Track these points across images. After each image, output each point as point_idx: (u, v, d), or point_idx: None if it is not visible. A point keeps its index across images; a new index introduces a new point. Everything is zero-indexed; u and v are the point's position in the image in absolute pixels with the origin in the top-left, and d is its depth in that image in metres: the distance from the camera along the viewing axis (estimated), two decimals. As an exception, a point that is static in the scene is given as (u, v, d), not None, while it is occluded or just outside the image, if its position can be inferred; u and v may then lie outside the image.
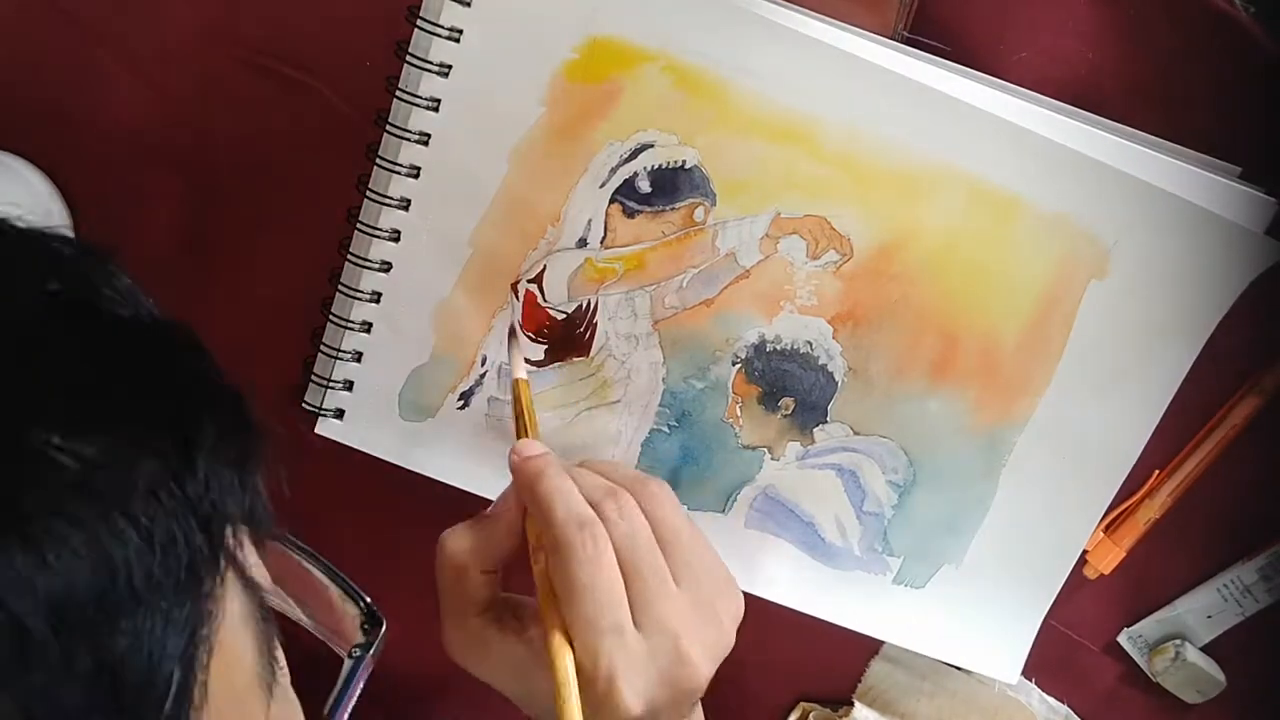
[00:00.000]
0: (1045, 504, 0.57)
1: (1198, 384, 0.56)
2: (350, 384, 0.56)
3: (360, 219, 0.54)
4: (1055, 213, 0.53)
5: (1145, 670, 0.61)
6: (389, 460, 0.57)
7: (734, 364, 0.55)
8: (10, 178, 0.55)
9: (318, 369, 0.56)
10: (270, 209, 0.56)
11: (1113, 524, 0.59)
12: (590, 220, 0.53)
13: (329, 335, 0.56)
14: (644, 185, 0.53)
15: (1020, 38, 0.54)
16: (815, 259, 0.54)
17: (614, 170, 0.52)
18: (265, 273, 0.57)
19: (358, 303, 0.55)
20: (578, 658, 0.44)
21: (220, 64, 0.55)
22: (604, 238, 0.53)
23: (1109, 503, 0.57)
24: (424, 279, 0.54)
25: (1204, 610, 0.59)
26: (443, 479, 0.57)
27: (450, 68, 0.51)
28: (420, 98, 0.51)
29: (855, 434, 0.56)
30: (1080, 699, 0.61)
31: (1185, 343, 0.54)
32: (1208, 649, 0.60)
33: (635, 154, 0.52)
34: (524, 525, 0.48)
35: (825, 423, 0.56)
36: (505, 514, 0.48)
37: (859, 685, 0.62)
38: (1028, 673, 0.60)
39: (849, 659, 0.62)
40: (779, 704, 0.63)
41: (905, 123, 0.51)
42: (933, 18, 0.53)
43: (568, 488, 0.46)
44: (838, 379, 0.55)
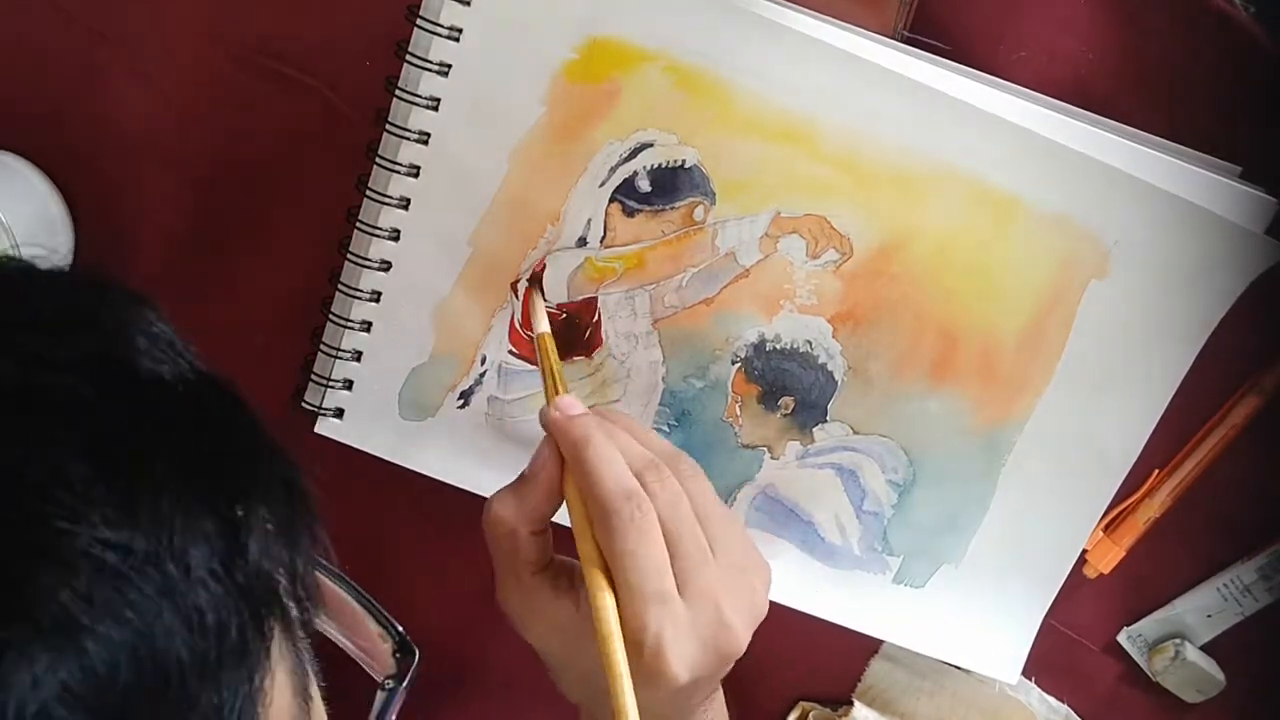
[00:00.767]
0: (1045, 503, 0.57)
1: (1198, 384, 0.56)
2: (350, 383, 0.56)
3: (360, 218, 0.54)
4: (1055, 213, 0.53)
5: (1145, 670, 0.61)
6: (389, 459, 0.57)
7: (734, 363, 0.55)
8: (10, 178, 0.55)
9: (317, 368, 0.56)
10: (270, 208, 0.57)
11: (1112, 523, 0.59)
12: (590, 219, 0.53)
13: (328, 334, 0.56)
14: (644, 184, 0.53)
15: (1020, 37, 0.54)
16: (815, 258, 0.54)
17: (614, 169, 0.52)
18: (265, 271, 0.57)
19: (357, 302, 0.55)
20: (625, 625, 0.44)
21: (220, 64, 0.55)
22: (604, 237, 0.53)
23: (1108, 502, 0.57)
24: (424, 278, 0.54)
25: (1204, 610, 0.59)
26: (443, 478, 0.57)
27: (450, 67, 0.51)
28: (420, 97, 0.51)
29: (855, 433, 0.56)
30: (1080, 698, 0.61)
31: (1185, 342, 0.54)
32: (1207, 648, 0.60)
33: (635, 153, 0.52)
34: (563, 483, 0.48)
35: (825, 422, 0.56)
36: (542, 474, 0.48)
37: (859, 684, 0.62)
38: (1027, 672, 0.60)
39: (849, 658, 0.62)
40: (778, 703, 0.63)
41: (905, 123, 0.51)
42: (933, 17, 0.53)
43: (615, 457, 0.46)
44: (837, 378, 0.55)
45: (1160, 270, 0.53)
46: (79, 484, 0.25)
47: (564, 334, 0.55)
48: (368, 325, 0.55)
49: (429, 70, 0.51)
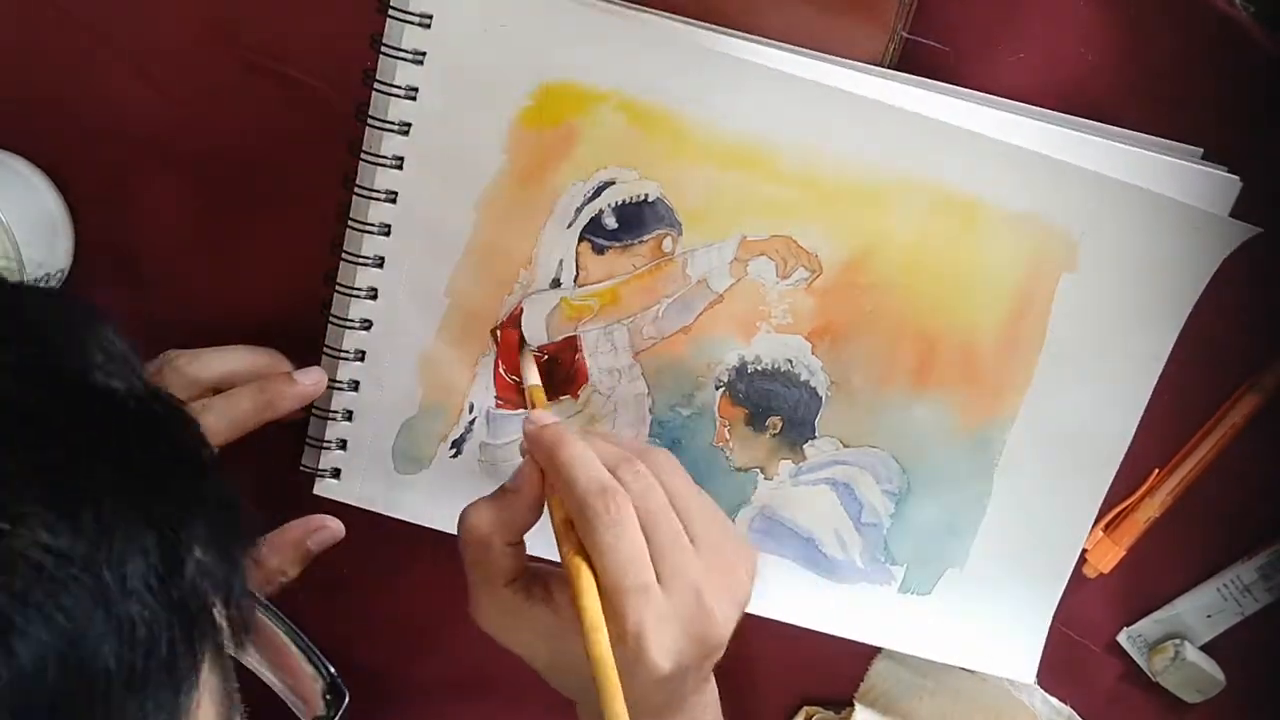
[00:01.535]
0: (1042, 498, 0.57)
1: (1198, 383, 0.56)
2: (344, 443, 0.57)
3: (338, 280, 0.55)
4: (1019, 211, 0.53)
5: (1145, 670, 0.60)
6: (388, 514, 0.58)
7: (717, 388, 0.56)
8: (10, 178, 0.56)
9: (311, 431, 0.57)
10: (270, 208, 0.57)
11: (1112, 523, 0.59)
12: (561, 260, 0.54)
13: (320, 397, 0.57)
14: (610, 221, 0.54)
15: (1019, 38, 0.54)
16: (786, 278, 0.54)
17: (579, 210, 0.53)
18: (265, 270, 0.58)
19: (343, 362, 0.56)
20: (606, 619, 0.45)
21: (221, 64, 0.55)
22: (576, 276, 0.54)
23: (1105, 491, 0.57)
24: (405, 333, 0.55)
25: (1204, 610, 0.59)
26: (442, 528, 0.58)
27: (410, 125, 0.52)
28: (384, 157, 0.52)
29: (845, 446, 0.57)
30: (1080, 698, 0.61)
31: (1163, 327, 0.55)
32: (1207, 648, 0.60)
33: (599, 192, 0.53)
34: (545, 496, 0.49)
35: (814, 438, 0.57)
36: (525, 486, 0.49)
37: (861, 685, 0.62)
38: (1028, 672, 0.60)
39: (853, 660, 0.62)
40: (783, 707, 0.63)
41: (859, 137, 0.52)
42: (932, 19, 0.53)
43: (587, 454, 0.47)
44: (821, 394, 0.56)
45: (1129, 259, 0.53)
46: (22, 487, 0.25)
47: (547, 375, 0.56)
48: (355, 384, 0.56)
49: (390, 131, 0.52)
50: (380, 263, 0.54)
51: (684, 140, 0.52)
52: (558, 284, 0.54)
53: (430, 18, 0.51)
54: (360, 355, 0.56)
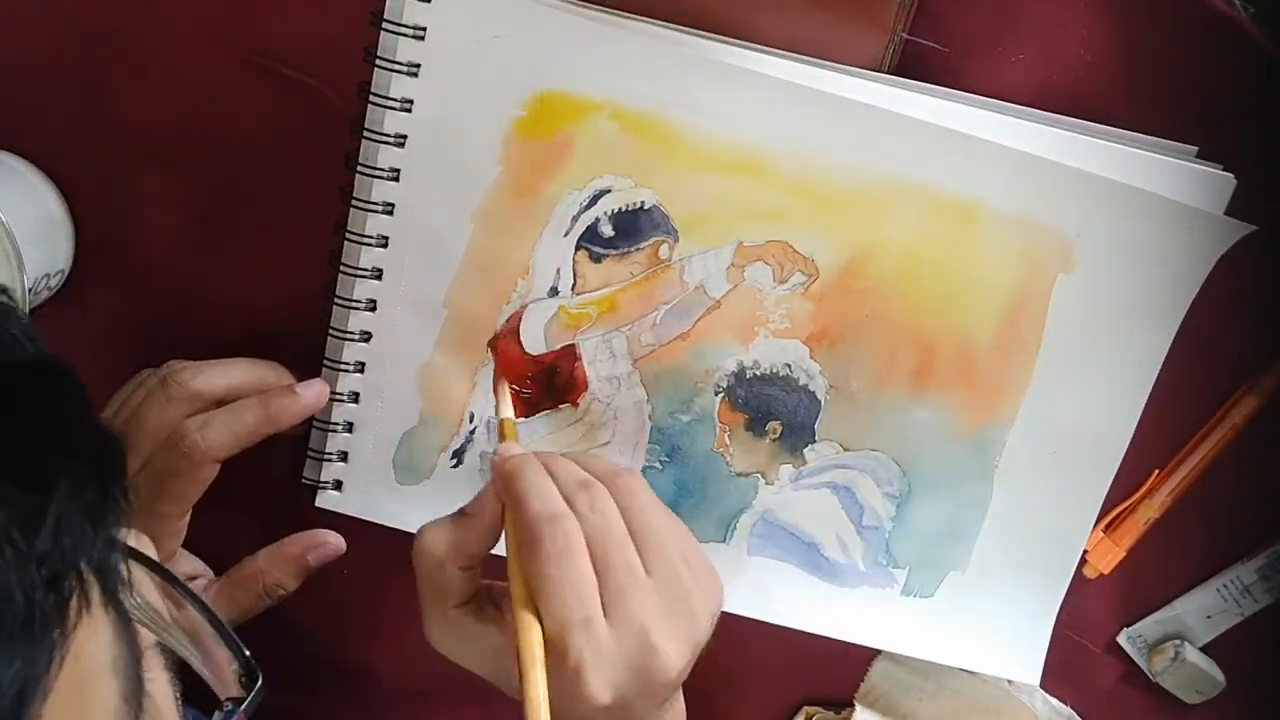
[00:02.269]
0: (1043, 499, 0.57)
1: (1198, 384, 0.56)
2: (345, 455, 0.57)
3: (337, 292, 0.55)
4: (1014, 213, 0.53)
5: (1145, 670, 0.60)
6: (390, 526, 0.58)
7: (717, 394, 0.56)
8: (10, 178, 0.56)
9: (312, 443, 0.57)
10: (271, 208, 0.57)
11: (1112, 523, 0.59)
12: (559, 269, 0.54)
13: (320, 410, 0.57)
14: (606, 229, 0.54)
15: (1019, 39, 0.54)
16: (783, 283, 0.54)
17: (575, 218, 0.54)
18: (265, 269, 0.58)
19: (343, 374, 0.56)
20: (549, 648, 0.45)
21: (221, 64, 0.55)
22: (574, 284, 0.54)
23: (1105, 492, 0.57)
24: (404, 345, 0.55)
25: (1203, 610, 0.59)
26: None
27: (405, 137, 0.52)
28: (380, 169, 0.53)
29: (845, 450, 0.57)
30: (1080, 699, 0.61)
31: (1159, 327, 0.55)
32: (1207, 649, 0.60)
33: (594, 200, 0.53)
34: (503, 523, 0.49)
35: (814, 442, 0.57)
36: (483, 511, 0.49)
37: (861, 685, 0.62)
38: (1028, 672, 0.60)
39: (853, 660, 0.62)
40: (783, 708, 0.62)
41: (854, 142, 0.52)
42: (932, 20, 0.53)
43: (543, 483, 0.47)
44: (820, 398, 0.56)
45: (1125, 259, 0.54)
46: None
47: (546, 383, 0.56)
48: (355, 396, 0.56)
49: (386, 143, 0.52)
50: (378, 275, 0.54)
51: (679, 147, 0.52)
52: (555, 293, 0.55)
53: (424, 30, 0.51)
54: (360, 367, 0.56)
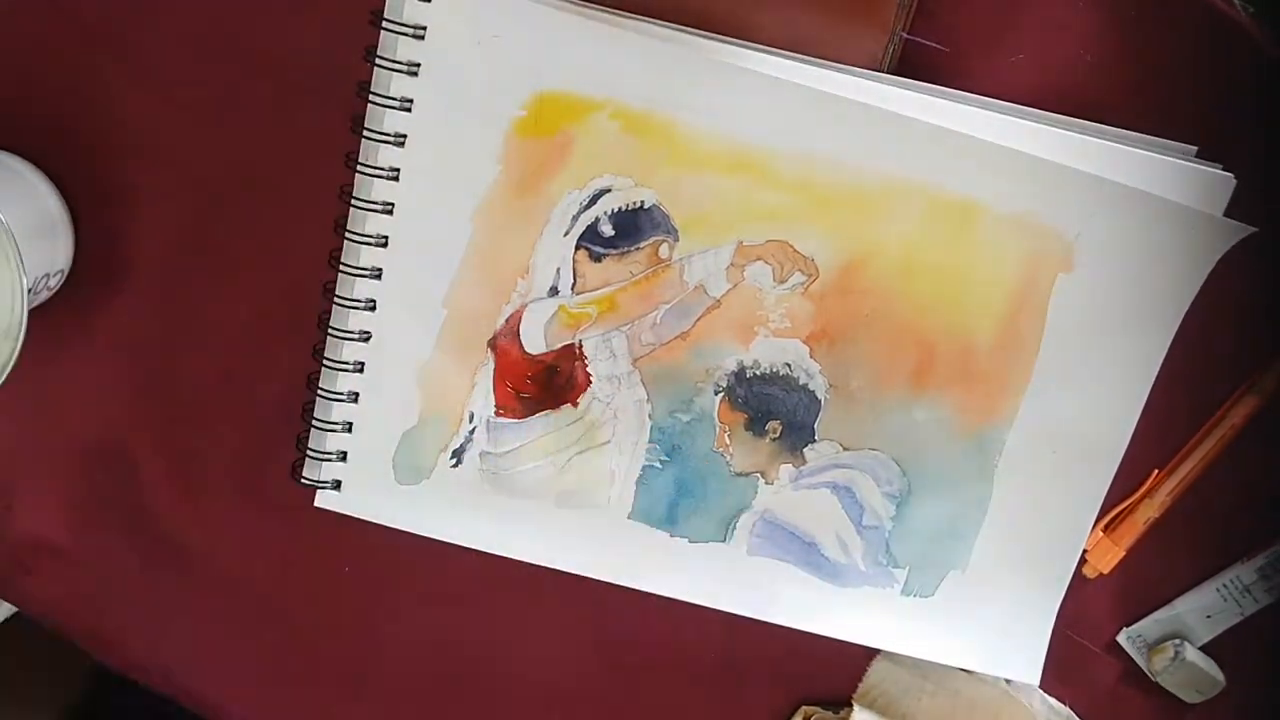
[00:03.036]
0: (1043, 499, 0.57)
1: (1197, 383, 0.56)
2: (344, 454, 0.57)
3: (337, 292, 0.55)
4: (1014, 213, 0.53)
5: (1145, 670, 0.60)
6: (390, 525, 0.58)
7: (717, 393, 0.56)
8: (10, 178, 0.56)
9: (312, 443, 0.57)
10: (270, 208, 0.57)
11: (1112, 523, 0.59)
12: (559, 269, 0.54)
13: (319, 409, 0.57)
14: (606, 229, 0.54)
15: (1019, 39, 0.54)
16: (783, 282, 0.54)
17: (575, 218, 0.54)
18: (265, 270, 0.58)
19: (342, 374, 0.56)
20: None
21: (220, 65, 0.55)
22: (574, 284, 0.54)
23: (1105, 492, 0.57)
24: (404, 344, 0.55)
25: (1203, 610, 0.59)
26: (445, 539, 0.58)
27: (405, 137, 0.52)
28: (380, 168, 0.53)
29: (845, 450, 0.57)
30: (1079, 699, 0.61)
31: (1159, 327, 0.55)
32: (1207, 649, 0.59)
33: (594, 200, 0.53)
34: None
35: (814, 442, 0.57)
36: None
37: (860, 685, 0.61)
38: (1028, 673, 0.60)
39: (851, 661, 0.61)
40: (781, 707, 0.62)
41: (854, 142, 0.52)
42: (932, 20, 0.53)
43: None
44: (820, 397, 0.56)
45: (1125, 259, 0.53)
46: None
47: (546, 383, 0.56)
48: (355, 396, 0.56)
49: (386, 142, 0.52)
50: (378, 274, 0.54)
51: (679, 147, 0.52)
52: (555, 292, 0.55)
53: (424, 29, 0.51)
54: (360, 367, 0.56)
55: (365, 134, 0.52)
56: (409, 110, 0.52)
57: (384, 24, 0.51)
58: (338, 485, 0.58)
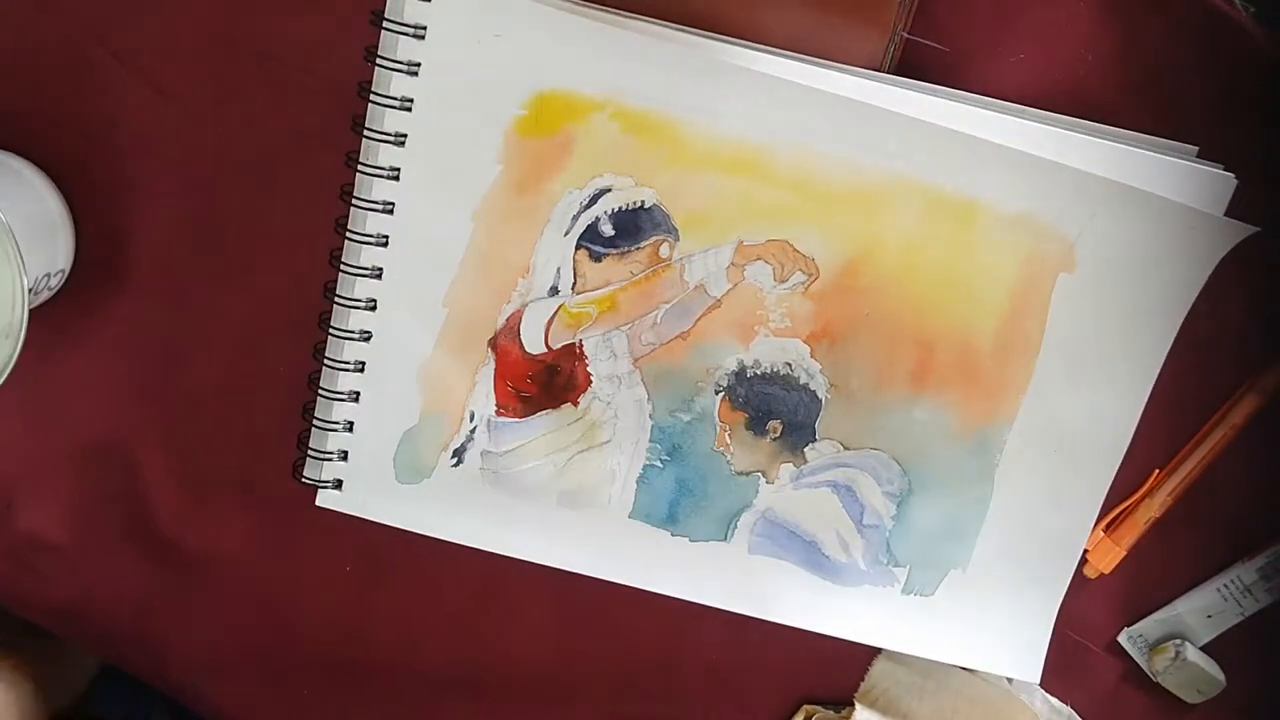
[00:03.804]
0: (1043, 499, 0.57)
1: (1198, 384, 0.56)
2: (345, 454, 0.57)
3: (338, 291, 0.55)
4: (1014, 213, 0.53)
5: (1145, 670, 0.60)
6: (390, 524, 0.58)
7: (717, 393, 0.56)
8: (10, 178, 0.56)
9: (313, 443, 0.57)
10: (271, 208, 0.57)
11: (1113, 523, 0.59)
12: (559, 268, 0.54)
13: (320, 409, 0.57)
14: (607, 228, 0.54)
15: (1019, 38, 0.54)
16: (783, 282, 0.54)
17: (576, 217, 0.54)
18: (265, 269, 0.57)
19: (343, 374, 0.56)
20: None
21: (221, 64, 0.55)
22: (574, 284, 0.54)
23: (1106, 492, 0.57)
24: (404, 343, 0.55)
25: (1204, 610, 0.59)
26: (446, 538, 0.58)
27: (405, 136, 0.52)
28: (380, 167, 0.53)
29: (846, 449, 0.57)
30: (1080, 698, 0.61)
31: (1160, 327, 0.55)
32: (1208, 649, 0.60)
33: (595, 199, 0.53)
34: None
35: (815, 441, 0.57)
36: None
37: (861, 685, 0.62)
38: (1029, 672, 0.60)
39: (853, 659, 0.62)
40: (782, 707, 0.62)
41: (854, 141, 0.52)
42: (932, 20, 0.53)
43: None
44: (821, 397, 0.56)
45: (1126, 259, 0.54)
46: None
47: (547, 382, 0.56)
48: (355, 395, 0.56)
49: (386, 142, 0.52)
50: (378, 274, 0.54)
51: (679, 146, 0.52)
52: (556, 292, 0.55)
53: (424, 29, 0.51)
54: (360, 366, 0.56)
55: (366, 133, 0.52)
56: (409, 110, 0.52)
57: (384, 24, 0.51)
58: (338, 484, 0.58)
